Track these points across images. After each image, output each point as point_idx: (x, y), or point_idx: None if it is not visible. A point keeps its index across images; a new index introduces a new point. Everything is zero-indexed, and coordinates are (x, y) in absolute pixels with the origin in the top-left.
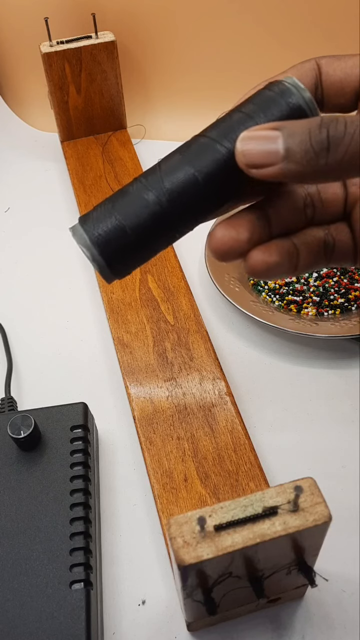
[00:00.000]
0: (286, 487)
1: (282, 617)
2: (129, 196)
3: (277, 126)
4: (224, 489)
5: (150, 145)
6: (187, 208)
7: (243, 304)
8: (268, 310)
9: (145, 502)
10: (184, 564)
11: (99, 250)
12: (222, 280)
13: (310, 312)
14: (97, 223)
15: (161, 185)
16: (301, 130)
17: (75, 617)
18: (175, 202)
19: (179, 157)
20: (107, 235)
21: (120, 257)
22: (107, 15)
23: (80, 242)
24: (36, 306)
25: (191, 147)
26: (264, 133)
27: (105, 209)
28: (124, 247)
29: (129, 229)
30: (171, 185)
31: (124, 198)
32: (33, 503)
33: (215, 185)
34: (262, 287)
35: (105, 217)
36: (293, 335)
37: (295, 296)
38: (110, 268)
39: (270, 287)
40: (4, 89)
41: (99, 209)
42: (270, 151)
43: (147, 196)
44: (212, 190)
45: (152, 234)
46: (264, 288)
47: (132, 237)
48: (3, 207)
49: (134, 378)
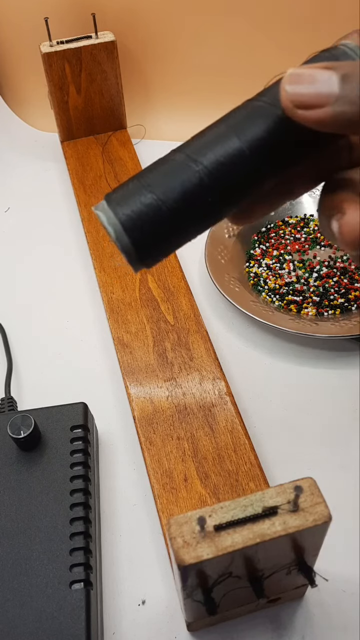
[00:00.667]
0: (286, 487)
1: (282, 617)
2: (165, 168)
3: (330, 65)
4: (224, 489)
5: (150, 145)
6: (233, 180)
7: (243, 304)
8: (268, 310)
9: (145, 502)
10: (184, 564)
11: (128, 232)
12: (222, 280)
13: (310, 312)
14: (127, 199)
15: (203, 157)
16: (356, 68)
17: (75, 617)
18: (219, 175)
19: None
20: (139, 214)
21: (152, 242)
22: (107, 15)
23: (107, 222)
24: (36, 306)
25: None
26: (315, 71)
27: (138, 182)
28: (158, 229)
29: (166, 206)
30: (215, 157)
31: (158, 171)
32: (33, 503)
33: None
34: (262, 287)
35: (137, 192)
36: (293, 335)
37: (295, 296)
38: (139, 254)
39: (270, 287)
40: (4, 89)
41: (130, 183)
42: (321, 90)
43: (186, 169)
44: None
45: (192, 214)
46: (264, 288)
47: (168, 217)
48: (3, 207)
49: (134, 378)
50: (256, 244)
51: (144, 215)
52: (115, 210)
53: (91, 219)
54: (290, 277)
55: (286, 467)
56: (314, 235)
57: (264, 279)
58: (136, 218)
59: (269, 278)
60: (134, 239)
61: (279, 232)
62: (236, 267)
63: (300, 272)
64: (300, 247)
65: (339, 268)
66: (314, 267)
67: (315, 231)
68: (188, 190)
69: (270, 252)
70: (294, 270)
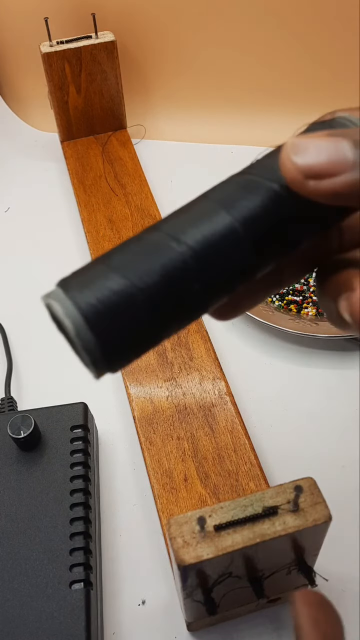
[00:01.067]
0: (286, 487)
1: (282, 617)
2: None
3: (336, 133)
4: (224, 489)
5: (150, 145)
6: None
7: None
8: (268, 310)
9: (145, 502)
10: (184, 564)
11: (92, 326)
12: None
13: (310, 312)
14: (91, 285)
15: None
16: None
17: (75, 617)
18: (207, 256)
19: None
20: (106, 303)
21: (123, 339)
22: (107, 15)
23: (64, 314)
24: (36, 306)
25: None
26: (321, 139)
27: (104, 264)
28: (131, 322)
29: (142, 294)
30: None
31: (130, 251)
32: (33, 503)
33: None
34: None
35: (104, 275)
36: (293, 335)
37: (295, 296)
38: (105, 355)
39: None
40: (4, 89)
41: (93, 265)
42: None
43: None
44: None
45: (173, 304)
46: None
47: (144, 307)
48: (3, 207)
49: (134, 378)
50: None
51: (113, 305)
52: (74, 298)
53: (91, 219)
54: None
55: (286, 467)
56: None
57: None
58: (103, 308)
59: None
60: (99, 336)
61: None
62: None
63: None
64: None
65: None
66: None
67: None
68: (170, 274)
69: None
70: None
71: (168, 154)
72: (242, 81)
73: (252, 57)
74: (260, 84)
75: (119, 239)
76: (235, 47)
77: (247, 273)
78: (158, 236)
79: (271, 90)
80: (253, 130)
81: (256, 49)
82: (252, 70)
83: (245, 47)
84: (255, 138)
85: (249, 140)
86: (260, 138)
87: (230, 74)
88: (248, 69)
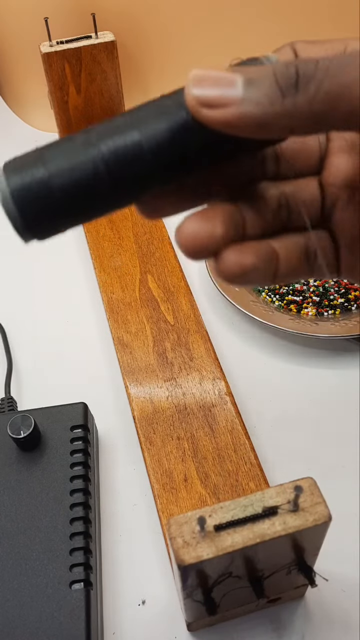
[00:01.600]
0: (286, 487)
1: (282, 617)
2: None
3: (237, 69)
4: (224, 489)
5: None
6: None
7: (243, 304)
8: (268, 310)
9: (145, 502)
10: (184, 564)
11: (16, 201)
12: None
13: (310, 312)
14: (22, 170)
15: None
16: (265, 71)
17: (75, 617)
18: (113, 164)
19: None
20: (29, 187)
21: (40, 217)
22: (107, 15)
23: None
24: (36, 306)
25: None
26: (219, 73)
27: (37, 155)
28: (48, 205)
29: (56, 185)
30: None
31: (58, 147)
32: (33, 503)
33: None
34: (262, 287)
35: (34, 164)
36: (293, 335)
37: (295, 296)
38: (27, 226)
39: (270, 287)
40: (4, 89)
41: (31, 153)
42: (226, 92)
43: (84, 152)
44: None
45: (85, 197)
46: (264, 288)
47: (59, 196)
48: None
49: (134, 378)
50: None
51: (33, 189)
52: (8, 177)
53: None
54: (265, 285)
55: (286, 467)
56: None
57: None
58: (26, 189)
59: None
60: (21, 210)
61: None
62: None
63: None
64: None
65: None
66: None
67: None
68: (81, 173)
69: None
70: None
71: None
72: None
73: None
74: None
75: (119, 238)
76: (235, 47)
77: (148, 183)
78: (82, 138)
79: None
80: None
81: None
82: None
83: (245, 47)
84: None
85: None
86: None
87: None
88: None
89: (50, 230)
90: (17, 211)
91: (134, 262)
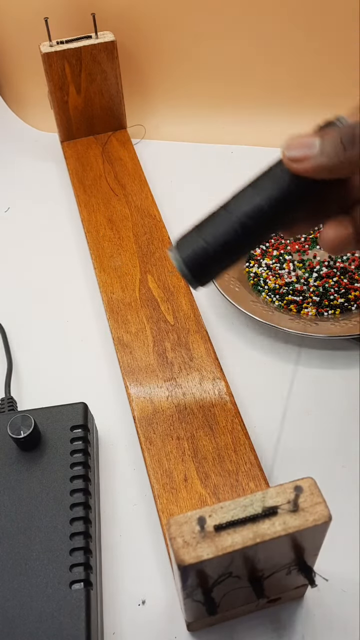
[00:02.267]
0: (286, 487)
1: (282, 617)
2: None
3: (317, 133)
4: (224, 489)
5: (150, 145)
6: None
7: (243, 304)
8: (268, 310)
9: (145, 502)
10: (184, 564)
11: (187, 265)
12: (222, 280)
13: (310, 312)
14: (187, 245)
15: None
16: (334, 132)
17: (75, 617)
18: (248, 223)
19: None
20: (194, 255)
21: (204, 270)
22: (107, 15)
23: (174, 259)
24: (36, 306)
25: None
26: (303, 138)
27: (196, 233)
28: (207, 262)
29: (212, 248)
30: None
31: (208, 223)
32: (33, 503)
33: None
34: (262, 287)
35: (194, 240)
36: (293, 335)
37: (295, 296)
38: (196, 279)
39: (270, 287)
40: (4, 89)
41: (191, 233)
42: (307, 151)
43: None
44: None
45: (230, 250)
46: (264, 288)
47: (214, 254)
48: (3, 207)
49: (134, 378)
50: None
51: (198, 256)
52: (179, 250)
53: (91, 219)
54: (290, 277)
55: (286, 467)
56: (313, 235)
57: (264, 279)
58: (193, 257)
59: (269, 278)
60: (191, 272)
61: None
62: (236, 267)
63: (300, 272)
64: (300, 247)
65: (338, 268)
66: (314, 267)
67: (315, 231)
68: (226, 237)
69: (270, 252)
70: (293, 270)
71: (168, 154)
72: (242, 81)
73: (252, 57)
74: (260, 84)
75: (118, 239)
76: (236, 47)
77: (272, 227)
78: (223, 213)
79: (271, 90)
80: (253, 130)
81: (256, 49)
82: (252, 70)
83: (246, 47)
84: (255, 138)
85: (249, 140)
86: (260, 138)
87: (231, 74)
88: (248, 69)
89: (211, 277)
90: (189, 273)
91: (134, 262)
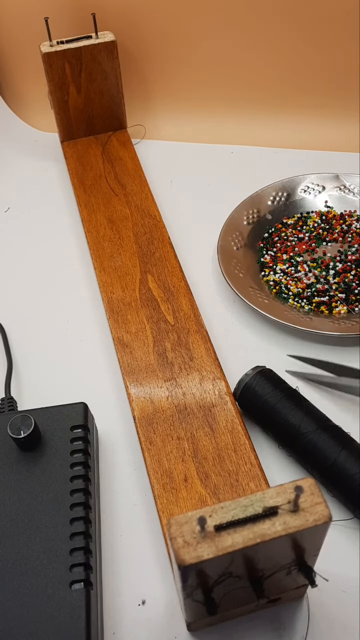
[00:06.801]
0: (286, 487)
1: (282, 617)
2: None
3: None
4: (224, 489)
5: (150, 145)
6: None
7: (277, 313)
8: (305, 316)
9: (145, 502)
10: (184, 564)
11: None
12: (247, 293)
13: (341, 310)
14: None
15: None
16: None
17: (75, 617)
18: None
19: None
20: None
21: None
22: (107, 15)
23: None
24: (36, 306)
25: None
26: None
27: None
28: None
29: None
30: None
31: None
32: (33, 503)
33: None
34: (287, 294)
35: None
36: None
37: (320, 297)
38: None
39: (294, 293)
40: (4, 89)
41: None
42: None
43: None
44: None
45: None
46: (289, 295)
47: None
48: (3, 207)
49: (134, 378)
50: (263, 250)
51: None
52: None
53: (91, 219)
54: (309, 278)
55: (286, 467)
56: (315, 232)
57: (285, 285)
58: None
59: (290, 283)
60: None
61: (281, 235)
62: (254, 277)
63: (316, 271)
64: (307, 246)
65: (352, 261)
66: (328, 264)
67: (316, 228)
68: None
69: (280, 257)
70: (309, 271)
71: (168, 154)
72: (242, 81)
73: (252, 57)
74: (261, 84)
75: (119, 239)
76: (236, 47)
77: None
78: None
79: (271, 90)
80: (253, 130)
81: (257, 49)
82: (253, 71)
83: (246, 48)
84: (255, 138)
85: (249, 140)
86: (260, 138)
87: (231, 74)
88: (248, 69)
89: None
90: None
91: (134, 262)
